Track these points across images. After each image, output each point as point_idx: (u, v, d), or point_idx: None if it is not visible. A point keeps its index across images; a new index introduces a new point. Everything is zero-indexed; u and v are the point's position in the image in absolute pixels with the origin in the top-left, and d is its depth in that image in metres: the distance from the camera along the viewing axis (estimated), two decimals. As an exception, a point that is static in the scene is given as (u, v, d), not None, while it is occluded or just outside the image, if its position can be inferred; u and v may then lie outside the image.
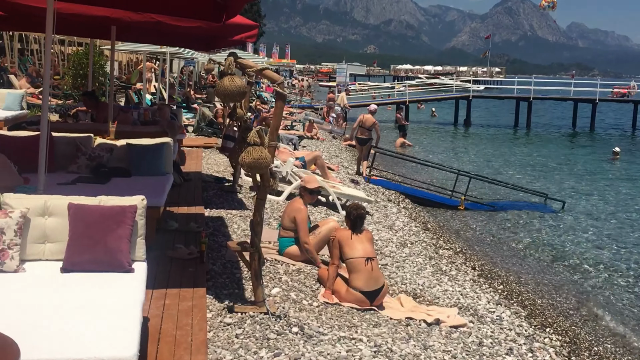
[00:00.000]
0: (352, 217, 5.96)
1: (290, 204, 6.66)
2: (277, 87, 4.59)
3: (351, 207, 6.06)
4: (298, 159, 11.35)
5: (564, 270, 9.77)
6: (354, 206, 6.08)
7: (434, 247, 9.00)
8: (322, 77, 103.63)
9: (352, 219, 5.97)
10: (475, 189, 14.92)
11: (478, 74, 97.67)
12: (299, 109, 30.57)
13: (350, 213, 5.99)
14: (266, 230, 7.58)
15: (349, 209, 6.06)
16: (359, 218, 5.99)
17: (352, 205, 6.11)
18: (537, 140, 31.51)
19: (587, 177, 19.19)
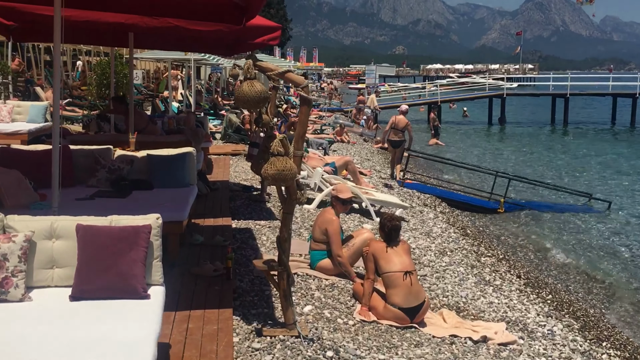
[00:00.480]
0: (387, 229, 5.52)
1: (321, 215, 6.25)
2: (301, 91, 4.19)
3: (385, 218, 5.61)
4: (328, 164, 10.94)
5: (615, 275, 9.15)
6: (387, 217, 5.63)
7: (475, 255, 8.48)
8: (351, 79, 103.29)
9: (386, 231, 5.53)
10: (514, 191, 14.29)
11: (510, 71, 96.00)
12: (328, 112, 30.19)
13: (384, 225, 5.54)
14: (296, 241, 7.18)
15: (382, 221, 5.61)
16: (394, 230, 5.54)
17: (386, 216, 5.66)
18: (576, 137, 30.53)
19: (631, 175, 18.35)
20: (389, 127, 14.19)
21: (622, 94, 37.48)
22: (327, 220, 6.07)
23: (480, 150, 24.44)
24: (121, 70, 16.02)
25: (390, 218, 5.62)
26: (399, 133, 13.99)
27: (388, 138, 14.12)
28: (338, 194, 6.25)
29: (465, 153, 22.94)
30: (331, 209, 6.24)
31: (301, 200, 4.31)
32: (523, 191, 15.08)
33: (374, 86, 42.67)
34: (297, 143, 4.26)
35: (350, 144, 20.20)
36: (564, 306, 7.06)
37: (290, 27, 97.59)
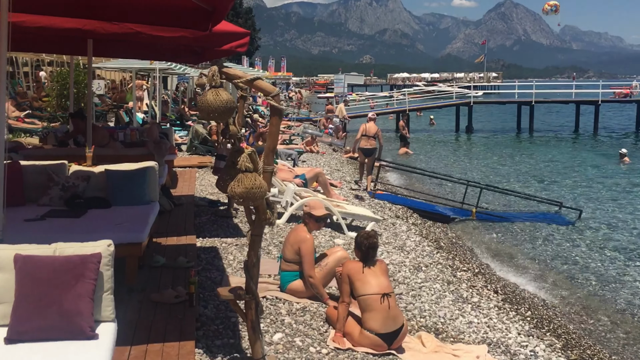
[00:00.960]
0: (364, 247, 5.17)
1: (293, 233, 5.87)
2: (272, 100, 3.83)
3: (362, 236, 5.26)
4: (298, 176, 10.59)
5: (590, 286, 8.96)
6: (364, 234, 5.28)
7: (451, 269, 8.20)
8: (319, 88, 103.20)
9: (363, 250, 5.18)
10: (485, 199, 14.11)
11: (475, 79, 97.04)
12: (297, 122, 29.86)
13: (361, 243, 5.19)
14: (265, 260, 6.79)
15: (359, 239, 5.26)
16: (372, 248, 5.20)
17: (362, 234, 5.31)
18: (542, 144, 30.74)
19: (599, 182, 18.39)
20: (359, 134, 13.84)
21: (584, 101, 37.97)
22: (300, 239, 5.69)
23: (449, 158, 24.36)
24: (82, 80, 15.45)
25: (367, 235, 5.27)
26: (370, 140, 13.62)
27: (359, 146, 13.76)
28: (311, 211, 5.88)
29: (434, 162, 22.82)
30: (303, 226, 5.87)
31: (271, 221, 3.93)
32: (494, 200, 14.93)
33: (342, 95, 42.52)
34: (267, 157, 3.90)
35: (320, 154, 19.88)
36: (544, 323, 6.80)
37: (258, 37, 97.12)
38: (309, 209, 5.87)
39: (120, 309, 4.92)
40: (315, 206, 5.89)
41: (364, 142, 13.61)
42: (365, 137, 13.59)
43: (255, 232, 3.92)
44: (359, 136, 13.79)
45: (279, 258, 5.94)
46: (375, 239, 5.32)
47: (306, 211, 5.89)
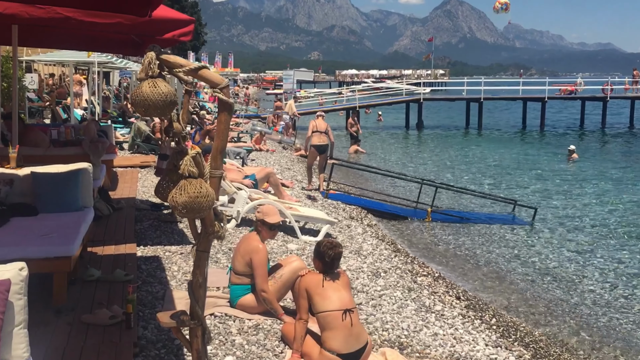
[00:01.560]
0: (328, 258, 4.66)
1: (243, 242, 5.31)
2: (220, 93, 3.28)
3: (325, 245, 4.75)
4: (248, 176, 10.02)
5: (551, 289, 8.72)
6: (328, 244, 4.77)
7: (411, 274, 7.80)
8: (267, 85, 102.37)
9: (327, 261, 4.67)
10: (439, 198, 13.84)
11: (423, 76, 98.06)
12: (245, 119, 29.16)
13: (324, 254, 4.68)
14: (213, 271, 6.22)
15: (321, 249, 4.74)
16: (336, 259, 4.71)
17: (325, 243, 4.79)
18: (491, 141, 30.96)
19: (549, 178, 18.45)
20: (310, 131, 13.30)
21: (531, 98, 38.54)
22: (252, 249, 5.15)
23: (400, 156, 24.16)
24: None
25: (331, 245, 4.76)
26: (322, 136, 13.09)
27: (312, 144, 13.19)
28: (265, 218, 5.33)
29: (386, 160, 22.57)
30: (255, 234, 5.31)
31: (220, 234, 3.39)
32: (448, 199, 14.70)
33: (291, 91, 41.94)
34: (216, 160, 3.35)
35: (269, 152, 19.32)
36: (510, 331, 6.46)
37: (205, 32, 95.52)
38: (262, 215, 5.33)
39: (46, 334, 4.30)
40: (269, 212, 5.34)
41: (317, 139, 13.08)
42: (318, 133, 13.07)
43: (201, 248, 3.37)
44: (310, 133, 13.24)
45: (228, 270, 5.39)
46: (340, 249, 4.83)
47: (259, 218, 5.34)
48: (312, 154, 13.14)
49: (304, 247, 8.25)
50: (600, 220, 13.08)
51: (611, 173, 19.73)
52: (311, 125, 13.31)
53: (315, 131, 13.04)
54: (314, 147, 13.01)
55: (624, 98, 38.80)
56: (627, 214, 13.70)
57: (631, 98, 38.38)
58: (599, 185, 17.29)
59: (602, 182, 17.95)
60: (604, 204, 14.67)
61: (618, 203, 14.84)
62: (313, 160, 13.29)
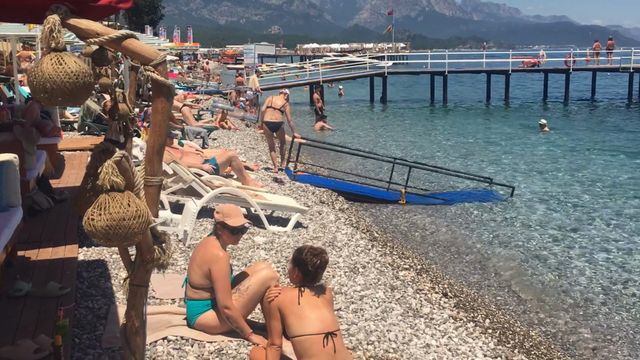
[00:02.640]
0: (312, 267, 3.84)
1: (200, 249, 4.42)
2: (154, 72, 2.38)
3: (309, 252, 3.91)
4: (208, 161, 9.07)
5: (540, 275, 8.07)
6: (311, 250, 3.94)
7: (391, 269, 7.02)
8: (228, 59, 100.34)
9: (310, 272, 3.84)
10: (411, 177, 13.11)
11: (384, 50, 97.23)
12: (206, 95, 27.94)
13: (306, 262, 3.85)
14: (169, 278, 5.32)
15: (303, 255, 3.91)
16: (322, 269, 3.89)
17: (308, 250, 3.95)
18: (458, 115, 30.40)
19: (522, 153, 17.90)
20: (265, 107, 12.38)
21: (495, 71, 38.10)
22: (211, 258, 4.26)
23: (367, 132, 23.33)
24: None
25: (315, 252, 3.93)
26: (276, 113, 12.18)
27: (264, 120, 12.26)
28: (225, 219, 4.42)
29: (354, 136, 21.73)
30: (214, 239, 4.41)
31: (163, 262, 2.51)
32: (420, 178, 13.97)
33: (253, 66, 40.60)
34: (152, 163, 2.46)
35: (232, 130, 18.32)
36: (508, 335, 5.75)
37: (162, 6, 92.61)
38: (222, 216, 4.42)
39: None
40: (230, 213, 4.44)
41: (269, 115, 12.17)
42: (271, 110, 12.16)
43: (137, 281, 2.48)
44: (264, 108, 12.36)
45: (184, 281, 4.49)
46: (326, 256, 4.01)
47: (218, 219, 4.43)
48: (265, 131, 12.30)
49: (273, 240, 7.41)
50: (579, 197, 12.55)
51: (583, 146, 19.32)
52: (267, 101, 12.42)
53: (269, 107, 12.15)
54: (265, 123, 12.16)
55: (586, 70, 38.67)
56: (605, 189, 13.20)
57: (593, 69, 38.30)
58: (573, 160, 16.82)
59: (576, 155, 17.51)
60: (582, 180, 14.15)
61: (595, 179, 14.35)
62: (271, 139, 12.41)
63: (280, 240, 7.43)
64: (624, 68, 35.63)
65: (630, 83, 36.07)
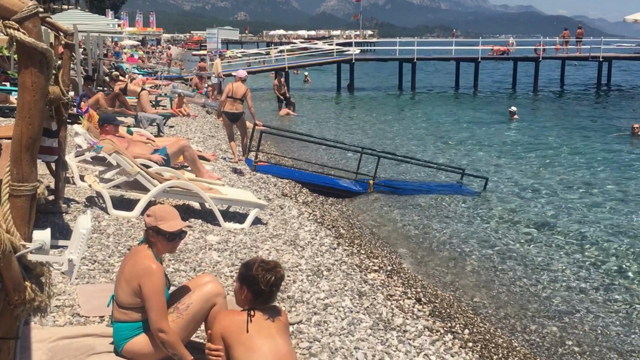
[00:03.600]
0: (265, 285, 3.14)
1: (129, 260, 3.65)
2: (17, 30, 1.62)
3: (260, 267, 3.21)
4: (158, 151, 8.26)
5: (517, 279, 7.47)
6: (264, 265, 3.23)
7: (359, 271, 6.35)
8: (193, 45, 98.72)
9: (262, 290, 3.14)
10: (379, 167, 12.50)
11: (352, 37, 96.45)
12: (166, 81, 26.85)
13: (256, 279, 3.16)
14: (94, 288, 4.56)
15: (254, 270, 3.21)
16: (277, 286, 3.19)
17: (260, 264, 3.25)
18: (427, 103, 29.90)
19: (492, 143, 17.44)
20: (224, 96, 11.51)
21: (464, 59, 37.73)
22: (142, 271, 3.50)
23: (334, 120, 22.65)
24: None
25: (268, 266, 3.23)
26: (236, 103, 11.36)
27: (224, 110, 11.41)
28: (159, 224, 3.64)
29: (319, 125, 21.02)
30: (147, 248, 3.64)
31: (40, 304, 1.76)
32: (388, 168, 13.34)
33: (216, 51, 39.50)
34: (19, 164, 1.71)
35: (191, 117, 17.43)
36: (491, 349, 5.13)
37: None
38: (155, 219, 3.64)
39: None
40: (165, 215, 3.66)
41: (229, 105, 11.30)
42: (231, 100, 11.31)
43: (1, 333, 1.73)
44: (224, 97, 11.47)
45: (110, 300, 3.72)
46: (281, 270, 3.30)
47: (150, 223, 3.65)
48: (225, 122, 11.48)
49: (227, 238, 6.68)
50: (552, 188, 12.09)
51: (553, 134, 18.98)
52: (226, 89, 11.53)
53: (230, 97, 11.29)
54: (225, 114, 11.31)
55: (555, 58, 38.54)
56: (577, 181, 12.77)
57: (562, 58, 38.19)
58: (543, 148, 16.42)
59: (546, 144, 17.12)
60: (555, 170, 13.71)
61: (567, 168, 13.94)
62: (230, 129, 11.60)
63: (236, 239, 6.70)
64: (594, 57, 35.61)
65: (600, 72, 36.10)
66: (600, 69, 36.01)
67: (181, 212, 7.38)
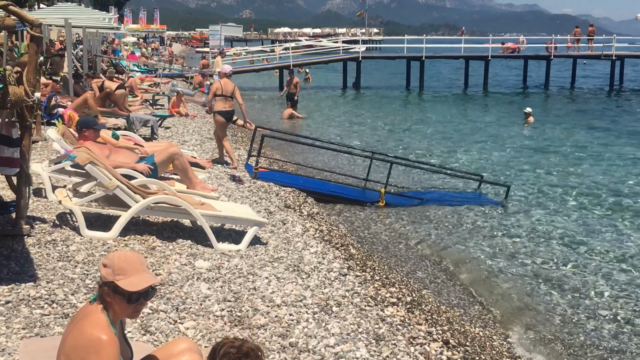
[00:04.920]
0: None
1: (75, 325, 2.66)
2: None
3: (225, 356, 2.24)
4: (145, 159, 7.28)
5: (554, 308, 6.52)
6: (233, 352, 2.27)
7: (375, 304, 5.37)
8: (197, 43, 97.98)
9: None
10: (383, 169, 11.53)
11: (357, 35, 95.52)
12: (166, 79, 25.91)
13: None
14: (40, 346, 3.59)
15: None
16: None
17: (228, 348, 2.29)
18: (436, 102, 28.87)
19: (509, 146, 16.38)
20: (212, 94, 10.60)
21: (474, 57, 36.70)
22: (87, 344, 2.53)
23: (340, 121, 21.60)
24: None
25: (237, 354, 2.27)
26: (228, 101, 10.52)
27: (218, 110, 10.50)
28: (117, 278, 2.63)
29: (324, 126, 19.98)
30: (100, 311, 2.64)
31: None
32: (399, 174, 12.31)
33: (219, 48, 38.49)
34: None
35: (189, 117, 16.49)
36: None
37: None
38: (112, 272, 2.63)
39: None
40: (126, 267, 2.64)
41: (222, 104, 10.46)
42: (223, 98, 10.44)
43: None
44: (212, 96, 10.56)
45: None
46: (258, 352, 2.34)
47: (106, 277, 2.66)
48: (220, 122, 10.56)
49: (220, 264, 5.73)
50: (581, 199, 11.06)
51: (575, 137, 17.96)
52: (214, 87, 10.62)
53: (220, 95, 10.41)
54: (219, 113, 10.43)
55: (566, 56, 37.50)
56: (605, 190, 11.72)
57: (574, 56, 37.17)
58: (565, 154, 15.35)
59: (567, 149, 16.06)
60: (580, 178, 12.67)
61: (594, 175, 12.92)
62: (224, 131, 10.69)
63: (231, 265, 5.74)
64: (606, 55, 34.61)
65: (612, 70, 35.08)
66: (612, 67, 34.97)
67: (169, 231, 6.48)
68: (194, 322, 4.42)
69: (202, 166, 8.79)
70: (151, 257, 5.55)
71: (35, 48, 5.51)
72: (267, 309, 4.83)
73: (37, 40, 5.54)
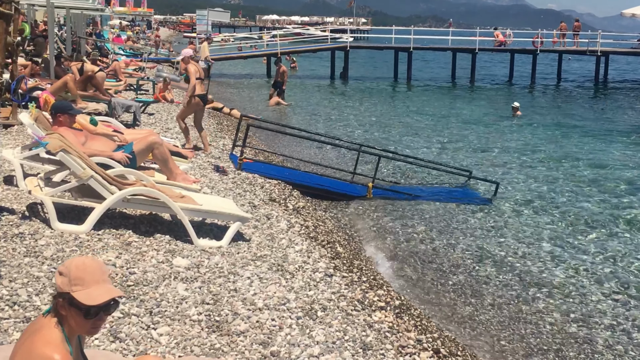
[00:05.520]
0: None
1: (26, 340, 2.34)
2: None
3: None
4: (123, 147, 6.93)
5: (546, 314, 6.29)
6: None
7: (362, 308, 5.10)
8: (185, 28, 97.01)
9: None
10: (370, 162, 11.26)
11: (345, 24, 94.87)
12: (151, 64, 25.37)
13: None
14: None
15: None
16: None
17: None
18: (423, 94, 28.57)
19: (497, 141, 16.14)
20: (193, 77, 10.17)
21: (462, 49, 36.48)
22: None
23: (327, 110, 21.26)
24: None
25: None
26: (203, 84, 10.30)
27: (198, 94, 10.14)
28: (73, 289, 2.30)
29: (311, 116, 19.64)
30: (54, 326, 2.32)
31: None
32: (386, 168, 12.04)
33: (206, 34, 37.85)
34: None
35: (174, 104, 16.09)
36: None
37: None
38: (68, 282, 2.29)
39: None
40: (84, 277, 2.29)
41: (200, 88, 10.18)
42: (199, 81, 10.14)
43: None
44: (194, 81, 10.14)
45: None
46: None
47: (61, 287, 2.33)
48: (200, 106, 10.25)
49: (200, 262, 5.42)
50: (571, 196, 10.85)
51: (560, 132, 17.77)
52: (194, 71, 10.19)
53: (198, 77, 10.09)
54: (200, 98, 10.13)
55: (553, 51, 37.35)
56: (595, 186, 11.52)
57: (559, 51, 37.10)
58: (554, 149, 15.10)
59: (557, 144, 15.85)
60: (570, 174, 12.45)
61: (584, 171, 12.72)
62: (201, 116, 10.44)
63: (211, 263, 5.43)
64: (592, 51, 34.61)
65: (597, 66, 35.08)
66: (598, 63, 34.98)
67: (146, 225, 6.14)
68: (169, 328, 4.11)
69: (184, 156, 8.43)
70: (126, 254, 5.22)
71: (4, 26, 5.13)
72: (248, 313, 4.54)
73: (7, 17, 5.16)
